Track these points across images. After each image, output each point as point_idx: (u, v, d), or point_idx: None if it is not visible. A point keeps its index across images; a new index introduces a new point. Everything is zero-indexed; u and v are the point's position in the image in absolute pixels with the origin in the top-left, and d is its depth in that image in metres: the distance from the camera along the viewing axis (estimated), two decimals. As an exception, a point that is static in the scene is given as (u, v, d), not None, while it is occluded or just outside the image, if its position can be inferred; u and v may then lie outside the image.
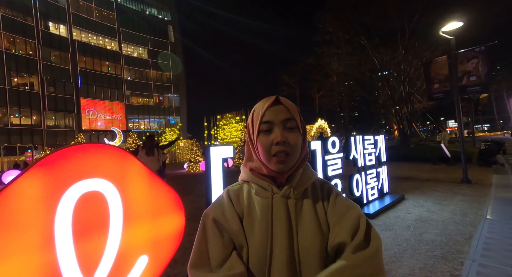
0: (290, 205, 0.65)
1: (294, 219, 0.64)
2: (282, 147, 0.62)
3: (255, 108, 0.68)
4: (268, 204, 0.65)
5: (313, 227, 0.63)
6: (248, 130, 0.70)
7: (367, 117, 41.23)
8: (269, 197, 0.66)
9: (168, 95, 42.02)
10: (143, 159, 4.10)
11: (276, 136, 0.62)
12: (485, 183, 6.14)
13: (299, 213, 0.65)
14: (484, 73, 6.53)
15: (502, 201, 4.56)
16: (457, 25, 6.37)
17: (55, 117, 30.62)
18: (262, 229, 0.63)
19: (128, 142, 18.40)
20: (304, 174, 0.69)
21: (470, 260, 2.53)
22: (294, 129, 0.64)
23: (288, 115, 0.64)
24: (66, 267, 1.05)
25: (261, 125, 0.64)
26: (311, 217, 0.65)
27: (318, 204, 0.68)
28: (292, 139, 0.63)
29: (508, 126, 41.73)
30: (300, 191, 0.67)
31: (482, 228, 3.33)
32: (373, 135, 4.76)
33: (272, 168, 0.64)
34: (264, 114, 0.64)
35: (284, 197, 0.65)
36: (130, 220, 1.33)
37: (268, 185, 0.66)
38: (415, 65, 15.98)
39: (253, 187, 0.69)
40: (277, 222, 0.63)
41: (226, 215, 0.66)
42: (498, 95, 44.74)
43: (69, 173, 1.12)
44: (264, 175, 0.67)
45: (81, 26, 33.49)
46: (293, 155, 0.63)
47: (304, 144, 0.68)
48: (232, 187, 0.73)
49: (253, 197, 0.68)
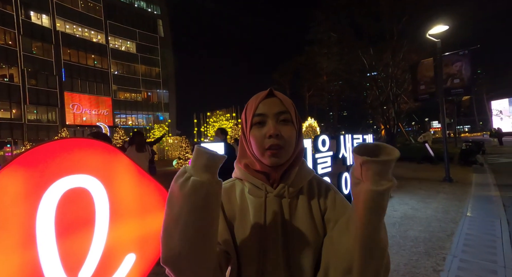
0: (284, 204, 0.63)
1: (288, 218, 0.62)
2: (276, 140, 0.59)
3: (249, 102, 0.66)
4: (261, 204, 0.62)
5: (308, 228, 0.61)
6: (241, 125, 0.68)
7: (356, 117, 42.03)
8: (262, 196, 0.63)
9: (157, 90, 41.16)
10: (134, 155, 3.99)
11: (269, 129, 0.60)
12: (465, 181, 6.40)
13: (293, 213, 0.63)
14: (467, 76, 6.78)
15: (481, 199, 4.77)
16: (442, 29, 6.57)
17: (36, 111, 29.35)
18: (255, 230, 0.61)
19: (115, 137, 17.92)
20: (300, 171, 0.67)
21: (451, 256, 2.63)
22: (288, 122, 0.62)
23: (281, 108, 0.62)
24: (48, 266, 1.01)
25: (254, 118, 0.62)
26: (306, 217, 0.62)
27: (314, 204, 0.65)
28: (285, 132, 0.60)
29: (487, 127, 43.68)
30: (296, 190, 0.65)
31: (463, 225, 3.47)
32: (362, 134, 4.85)
33: (265, 162, 0.61)
34: (257, 107, 0.62)
35: (278, 196, 0.63)
36: (117, 217, 1.29)
37: (262, 184, 0.64)
38: (403, 67, 16.39)
39: (246, 185, 0.67)
40: (270, 222, 0.61)
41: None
42: (478, 98, 46.64)
43: (52, 169, 1.07)
44: (258, 171, 0.65)
45: (66, 17, 32.11)
46: (287, 148, 0.61)
47: (299, 139, 0.66)
48: (223, 186, 0.70)
49: (246, 196, 0.66)
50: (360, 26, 17.54)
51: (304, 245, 0.60)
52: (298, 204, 0.64)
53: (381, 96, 17.83)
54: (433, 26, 6.66)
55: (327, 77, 28.16)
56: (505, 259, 2.54)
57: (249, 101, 0.66)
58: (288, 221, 0.62)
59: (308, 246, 0.60)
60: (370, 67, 17.96)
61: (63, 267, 1.06)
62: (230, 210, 0.66)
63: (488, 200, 4.71)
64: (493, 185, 5.88)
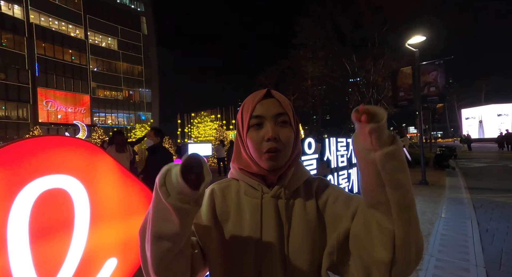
0: (281, 205, 0.62)
1: (284, 220, 0.60)
2: (274, 144, 0.58)
3: (245, 102, 0.64)
4: (258, 205, 0.61)
5: (305, 229, 0.60)
6: (237, 126, 0.66)
7: (338, 121, 43.17)
8: (258, 197, 0.62)
9: (139, 89, 39.96)
10: (114, 155, 3.81)
11: (267, 132, 0.58)
12: (440, 184, 6.76)
13: (290, 214, 0.62)
14: (441, 84, 7.20)
15: (454, 201, 5.05)
16: (420, 39, 6.94)
17: (5, 107, 27.43)
18: (251, 231, 0.60)
19: (93, 137, 17.13)
20: (296, 172, 0.66)
21: (429, 255, 2.75)
22: (286, 124, 0.61)
23: (280, 109, 0.61)
24: (20, 273, 0.93)
25: (251, 120, 0.60)
26: (303, 218, 0.61)
27: (311, 204, 0.64)
28: (284, 134, 0.59)
29: (457, 134, 46.59)
30: (292, 191, 0.64)
31: (438, 226, 3.66)
32: (345, 138, 4.98)
33: (262, 166, 0.60)
34: (255, 108, 0.60)
35: (275, 197, 0.62)
36: (98, 220, 1.22)
37: (258, 184, 0.63)
38: (383, 74, 17.12)
39: (242, 186, 0.65)
40: (266, 224, 0.60)
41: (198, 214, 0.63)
42: (450, 105, 49.68)
43: (27, 168, 1.00)
44: (253, 174, 0.64)
45: (40, 8, 30.38)
46: (285, 151, 0.60)
47: (297, 141, 0.65)
48: (219, 185, 0.68)
49: (242, 196, 0.64)
50: (344, 33, 18.15)
51: (301, 246, 0.59)
52: (295, 204, 0.63)
53: (362, 101, 18.50)
54: (411, 36, 7.02)
55: (312, 81, 28.75)
56: (476, 257, 2.69)
57: (245, 101, 0.64)
58: (285, 222, 0.60)
59: (305, 247, 0.59)
60: (352, 73, 18.60)
61: (36, 274, 0.98)
62: (225, 210, 0.64)
63: (460, 201, 5.00)
64: (464, 188, 6.25)
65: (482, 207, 4.61)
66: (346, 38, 18.12)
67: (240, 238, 0.60)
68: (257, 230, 0.60)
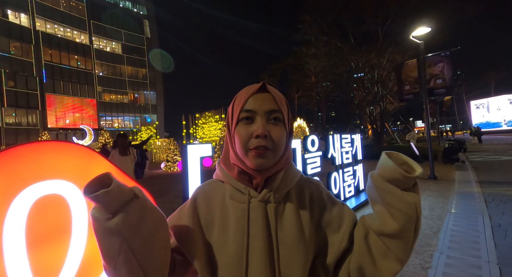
0: (270, 210, 0.56)
1: (274, 226, 0.56)
2: (263, 141, 0.53)
3: (238, 94, 0.59)
4: (244, 210, 0.56)
5: (296, 236, 0.56)
6: (227, 120, 0.61)
7: (343, 117, 42.79)
8: (245, 201, 0.57)
9: (144, 92, 40.36)
10: (117, 159, 3.84)
11: (257, 128, 0.53)
12: (449, 179, 6.61)
13: (280, 219, 0.57)
14: (448, 76, 7.02)
15: (464, 196, 4.92)
16: (425, 30, 6.78)
17: (15, 114, 28.07)
18: (237, 239, 0.55)
19: (100, 140, 17.38)
20: (287, 174, 0.61)
21: (438, 252, 2.68)
22: (279, 122, 0.56)
23: (274, 106, 0.56)
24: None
25: (241, 113, 0.55)
26: (294, 224, 0.57)
27: (304, 208, 0.60)
28: (275, 133, 0.55)
29: (467, 126, 45.58)
30: (282, 194, 0.59)
31: (448, 222, 3.56)
32: (350, 134, 4.91)
33: (249, 164, 0.55)
34: (247, 102, 0.55)
35: (263, 202, 0.57)
36: (96, 225, 1.21)
37: (245, 188, 0.58)
38: (388, 68, 16.83)
39: (228, 189, 0.60)
40: (254, 231, 0.55)
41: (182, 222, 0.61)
42: (458, 98, 48.62)
43: (23, 174, 0.99)
44: (240, 175, 0.59)
45: (46, 16, 30.94)
46: (275, 151, 0.55)
47: (289, 141, 0.60)
48: (202, 188, 0.65)
49: (228, 201, 0.59)
50: (346, 29, 17.90)
51: (292, 255, 0.55)
52: (285, 209, 0.58)
53: (367, 97, 18.23)
54: (416, 28, 6.86)
55: (315, 78, 28.54)
56: (488, 254, 2.61)
57: (238, 93, 0.59)
58: (274, 229, 0.56)
59: (296, 255, 0.55)
60: (356, 68, 18.34)
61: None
62: (209, 215, 0.60)
63: (471, 196, 4.87)
64: (474, 182, 6.09)
65: (494, 201, 4.47)
66: (349, 33, 17.86)
67: (225, 248, 0.56)
68: (244, 237, 0.55)
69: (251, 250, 0.54)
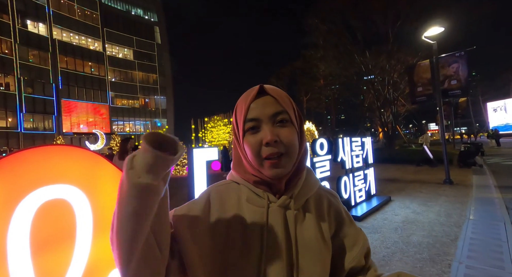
0: (289, 217, 0.53)
1: (293, 233, 0.53)
2: (274, 148, 0.50)
3: (238, 103, 0.56)
4: (262, 215, 0.53)
5: (316, 245, 0.54)
6: (233, 131, 0.58)
7: (353, 120, 42.17)
8: (264, 205, 0.54)
9: (154, 97, 41.22)
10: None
11: (265, 135, 0.50)
12: (466, 183, 6.33)
13: (300, 227, 0.54)
14: (464, 77, 6.79)
15: (482, 201, 4.69)
16: (438, 30, 6.59)
17: (33, 120, 29.19)
18: (254, 246, 0.51)
19: (111, 144, 17.77)
20: (308, 181, 0.59)
21: (457, 262, 2.53)
22: (286, 123, 0.53)
23: (277, 108, 0.53)
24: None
25: (245, 123, 0.53)
26: (314, 232, 0.55)
27: (322, 217, 0.58)
28: (285, 135, 0.51)
29: (483, 129, 43.96)
30: (302, 201, 0.57)
31: (466, 229, 3.38)
32: (360, 137, 4.79)
33: (266, 174, 0.52)
34: (248, 110, 0.53)
35: (283, 207, 0.54)
36: (101, 231, 1.19)
37: (263, 192, 0.55)
38: (399, 70, 16.50)
39: (244, 191, 0.57)
40: (272, 238, 0.52)
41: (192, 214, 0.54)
42: (474, 99, 47.07)
43: (27, 178, 0.99)
44: (257, 183, 0.56)
45: (62, 25, 32.28)
46: (289, 153, 0.52)
47: (302, 140, 0.56)
48: (217, 187, 0.59)
49: (244, 204, 0.55)
50: (355, 30, 17.72)
51: (311, 263, 0.52)
52: (306, 217, 0.56)
53: (378, 100, 17.90)
54: (428, 28, 6.69)
55: (324, 80, 28.34)
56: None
57: (238, 101, 0.57)
58: (294, 236, 0.53)
59: (315, 264, 0.53)
60: (366, 70, 18.07)
61: (38, 288, 0.96)
62: (221, 219, 0.54)
63: (490, 202, 4.63)
64: (494, 187, 5.81)
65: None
66: (358, 36, 17.67)
67: (240, 255, 0.51)
68: (262, 244, 0.51)
69: (268, 259, 0.51)
